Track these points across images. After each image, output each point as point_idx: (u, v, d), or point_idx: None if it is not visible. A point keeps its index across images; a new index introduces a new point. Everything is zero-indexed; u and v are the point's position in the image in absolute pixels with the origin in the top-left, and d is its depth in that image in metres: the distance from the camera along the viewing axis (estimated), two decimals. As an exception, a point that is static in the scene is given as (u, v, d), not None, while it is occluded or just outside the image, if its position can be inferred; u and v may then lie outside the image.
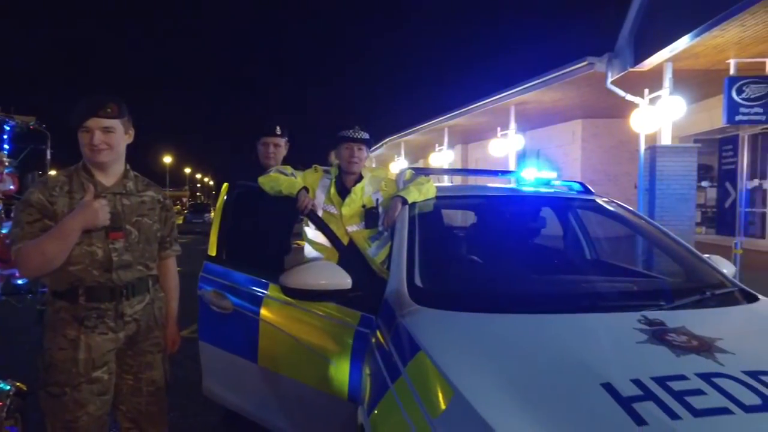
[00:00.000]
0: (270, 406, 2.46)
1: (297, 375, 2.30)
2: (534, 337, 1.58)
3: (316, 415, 2.24)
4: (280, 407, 2.41)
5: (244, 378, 2.54)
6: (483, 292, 2.05)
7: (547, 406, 1.24)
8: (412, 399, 1.40)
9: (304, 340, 2.28)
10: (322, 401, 2.18)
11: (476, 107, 13.33)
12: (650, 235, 2.80)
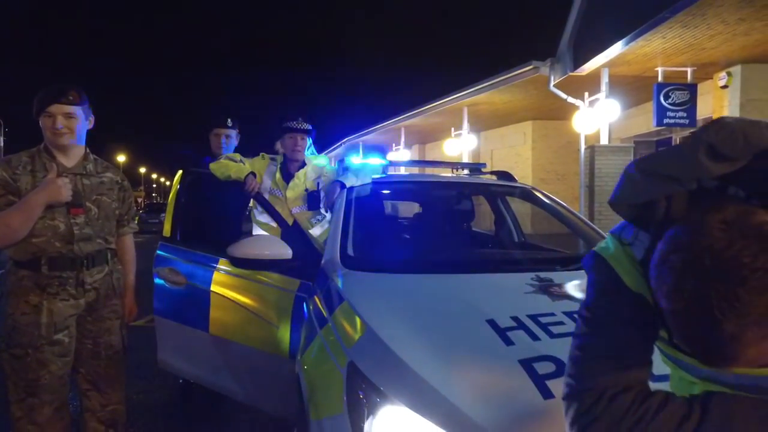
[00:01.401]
0: (221, 371, 2.70)
1: (245, 340, 2.56)
2: (438, 289, 1.91)
3: (262, 374, 2.50)
4: (230, 371, 2.66)
5: (197, 347, 2.76)
6: (402, 258, 2.37)
7: (438, 334, 1.56)
8: (334, 337, 1.70)
9: (250, 307, 2.54)
10: (267, 361, 2.44)
11: (431, 108, 13.78)
12: (564, 217, 3.19)
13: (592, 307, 0.94)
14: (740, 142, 0.77)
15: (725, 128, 0.79)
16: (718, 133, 0.78)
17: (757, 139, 0.78)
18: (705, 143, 0.78)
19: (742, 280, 0.66)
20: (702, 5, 6.42)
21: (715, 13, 6.65)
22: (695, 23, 7.00)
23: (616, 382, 0.84)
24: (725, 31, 7.21)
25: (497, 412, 1.23)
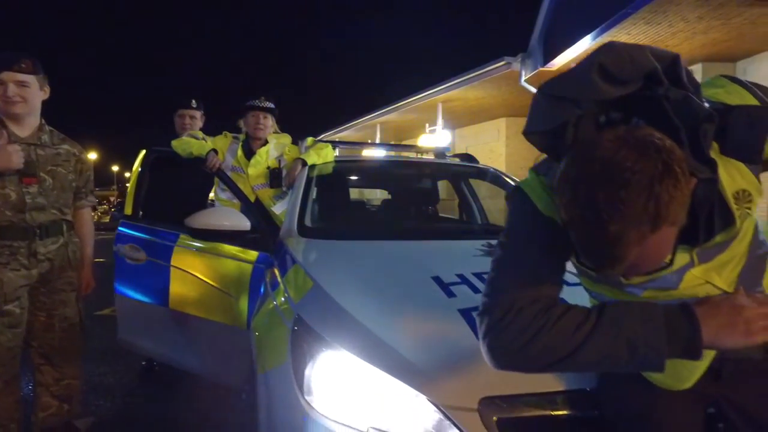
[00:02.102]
0: (181, 346, 2.70)
1: (203, 313, 2.57)
2: (389, 252, 1.97)
3: (221, 346, 2.51)
4: (190, 346, 2.67)
5: (157, 323, 2.77)
6: (356, 227, 2.42)
7: (383, 288, 1.61)
8: (284, 297, 1.73)
9: (210, 280, 2.55)
10: (226, 333, 2.46)
11: (406, 104, 13.87)
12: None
13: (508, 231, 1.01)
14: (627, 64, 0.84)
15: (614, 50, 0.85)
16: (608, 54, 0.85)
17: (643, 61, 0.85)
18: (596, 64, 0.85)
19: (625, 182, 0.73)
20: (663, 2, 6.61)
21: (676, 10, 6.86)
22: (657, 20, 7.21)
23: (524, 296, 0.90)
24: (686, 28, 7.44)
25: (433, 353, 1.27)
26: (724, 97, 0.92)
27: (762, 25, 7.08)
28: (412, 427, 1.19)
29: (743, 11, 6.75)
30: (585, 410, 1.20)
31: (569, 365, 0.88)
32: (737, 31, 7.34)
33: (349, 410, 1.25)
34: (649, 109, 0.84)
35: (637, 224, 0.73)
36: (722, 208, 0.89)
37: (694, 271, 0.97)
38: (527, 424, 1.17)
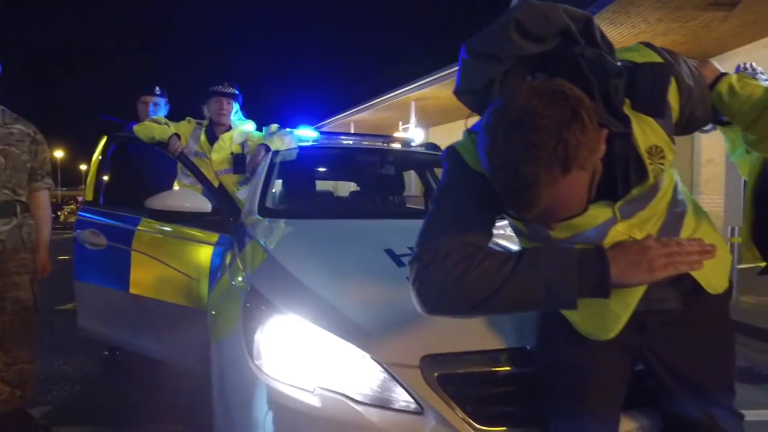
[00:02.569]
0: (142, 331, 2.68)
1: (164, 296, 2.56)
2: (344, 228, 2.02)
3: (182, 329, 2.50)
4: (151, 329, 2.65)
5: (117, 308, 2.74)
6: (315, 207, 2.47)
7: (335, 258, 1.65)
8: (239, 271, 1.76)
9: (170, 263, 2.55)
10: (186, 316, 2.46)
11: (379, 102, 13.93)
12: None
13: (441, 187, 1.07)
14: (542, 21, 0.91)
15: (530, 8, 0.92)
16: (524, 11, 0.92)
17: (557, 19, 0.91)
18: (514, 20, 0.91)
19: (536, 126, 0.79)
20: (624, 3, 6.84)
21: (637, 12, 7.09)
22: (621, 21, 7.44)
23: (451, 244, 0.96)
24: (647, 30, 7.70)
25: (379, 316, 1.32)
26: (636, 58, 0.99)
27: (715, 30, 7.39)
28: (358, 384, 1.24)
29: (698, 15, 7.03)
30: (524, 367, 1.26)
31: (492, 306, 0.93)
32: (693, 34, 7.63)
33: (297, 372, 1.28)
34: (567, 66, 0.91)
35: (549, 166, 0.79)
36: (637, 163, 0.96)
37: (618, 227, 1.04)
38: (467, 379, 1.23)
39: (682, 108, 1.00)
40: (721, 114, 1.14)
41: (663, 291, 1.11)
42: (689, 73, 1.01)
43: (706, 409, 1.17)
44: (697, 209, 1.17)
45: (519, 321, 1.29)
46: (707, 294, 1.13)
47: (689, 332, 1.15)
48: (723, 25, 7.19)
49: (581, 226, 1.02)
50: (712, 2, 6.58)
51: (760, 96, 1.04)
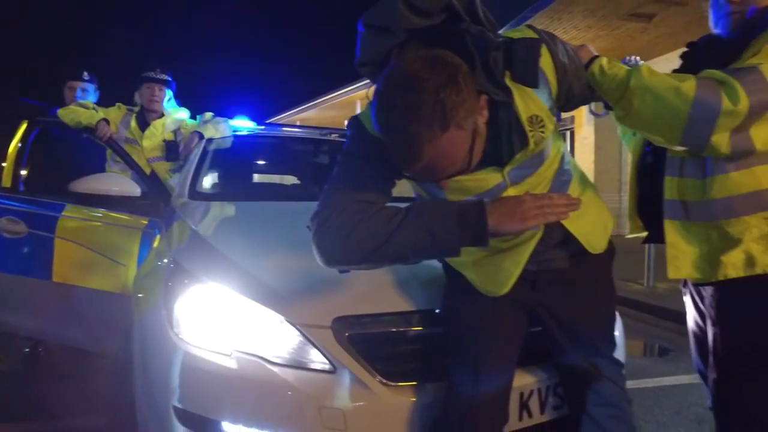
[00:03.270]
0: (67, 320, 2.60)
1: (90, 283, 2.50)
2: (271, 209, 2.07)
3: (106, 315, 2.46)
4: (76, 318, 2.57)
5: (39, 298, 2.64)
6: (245, 191, 2.51)
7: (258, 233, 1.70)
8: (164, 247, 1.77)
9: (97, 249, 2.49)
10: (114, 302, 2.41)
11: (325, 100, 13.94)
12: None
13: (342, 153, 1.15)
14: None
15: None
16: None
17: None
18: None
19: (417, 89, 0.89)
20: (558, 10, 7.23)
21: (569, 18, 7.52)
22: (554, 26, 7.84)
23: (347, 200, 1.04)
24: (578, 36, 8.16)
25: (294, 281, 1.38)
26: (515, 35, 1.11)
27: (637, 39, 7.94)
28: (275, 347, 1.29)
29: (622, 24, 7.54)
30: (432, 327, 1.35)
31: (384, 254, 1.02)
32: (619, 42, 8.17)
33: (215, 337, 1.32)
34: (454, 40, 1.01)
35: (429, 124, 0.89)
36: (519, 130, 1.07)
37: (509, 191, 1.15)
38: (377, 339, 1.31)
39: (559, 83, 1.12)
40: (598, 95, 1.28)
41: (552, 252, 1.24)
42: (564, 52, 1.14)
43: (591, 359, 1.31)
44: (583, 179, 1.31)
45: (427, 284, 1.39)
46: (591, 255, 1.27)
47: (576, 289, 1.28)
48: (643, 35, 7.74)
49: (474, 190, 1.13)
50: (633, 14, 7.08)
51: (624, 76, 1.18)
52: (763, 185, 1.22)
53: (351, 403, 1.23)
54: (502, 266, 1.19)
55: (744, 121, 1.11)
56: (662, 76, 1.17)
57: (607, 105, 1.35)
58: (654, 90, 1.14)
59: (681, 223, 1.33)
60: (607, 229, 1.32)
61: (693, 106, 1.10)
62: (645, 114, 1.17)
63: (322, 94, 14.05)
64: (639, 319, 4.65)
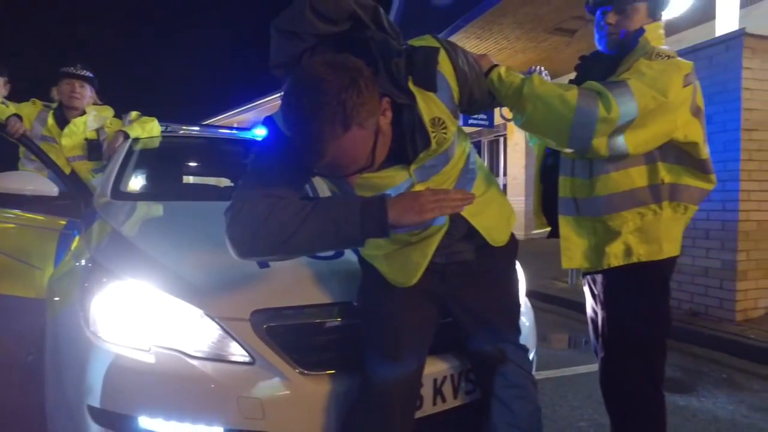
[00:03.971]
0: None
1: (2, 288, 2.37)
2: (194, 208, 2.08)
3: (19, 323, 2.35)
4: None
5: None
6: (170, 191, 2.48)
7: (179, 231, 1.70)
8: (83, 247, 1.73)
9: (7, 251, 2.37)
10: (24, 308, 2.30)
11: (263, 103, 13.76)
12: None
13: (255, 151, 1.20)
14: (332, 4, 1.08)
15: None
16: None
17: (345, 5, 1.10)
18: (309, 3, 1.07)
19: (321, 90, 0.95)
20: (488, 21, 7.55)
21: (499, 29, 7.87)
22: (486, 36, 8.18)
23: (258, 194, 1.09)
24: (509, 46, 8.55)
25: (213, 276, 1.40)
26: (418, 43, 1.20)
27: (562, 52, 8.42)
28: (195, 341, 1.31)
29: (548, 37, 7.98)
30: (348, 319, 1.42)
31: (294, 245, 1.07)
32: (546, 54, 8.63)
33: (133, 333, 1.32)
34: (359, 46, 1.09)
35: (331, 123, 0.96)
36: (422, 131, 1.16)
37: (415, 189, 1.23)
38: (295, 330, 1.36)
39: (460, 88, 1.22)
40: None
41: (458, 245, 1.34)
42: (465, 60, 1.24)
43: (498, 345, 1.41)
44: (487, 177, 1.42)
45: (344, 278, 1.46)
46: (495, 247, 1.38)
47: (481, 280, 1.38)
48: (568, 48, 8.22)
49: (382, 187, 1.21)
50: (557, 28, 7.52)
51: (518, 84, 1.31)
52: (636, 184, 1.38)
53: (269, 392, 1.27)
54: (410, 258, 1.28)
55: (617, 127, 1.27)
56: (550, 85, 1.30)
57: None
58: (543, 97, 1.27)
59: (573, 218, 1.48)
60: (509, 224, 1.43)
61: (575, 112, 1.24)
62: (536, 118, 1.30)
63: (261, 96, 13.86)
64: (563, 315, 4.94)
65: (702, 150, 1.39)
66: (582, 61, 1.61)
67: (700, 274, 4.01)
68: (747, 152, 3.75)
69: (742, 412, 2.60)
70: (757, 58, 3.74)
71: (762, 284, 3.89)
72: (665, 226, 1.41)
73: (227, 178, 3.23)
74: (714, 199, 3.89)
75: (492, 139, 13.33)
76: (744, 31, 3.70)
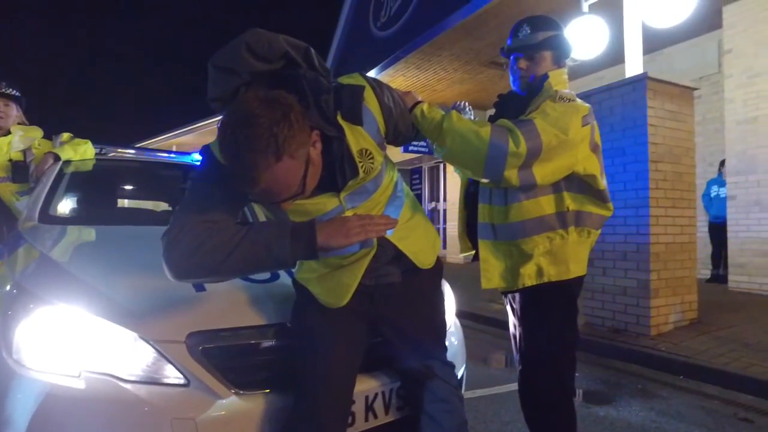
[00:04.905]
0: None
1: None
2: (125, 232, 2.06)
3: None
4: None
5: None
6: (100, 215, 2.45)
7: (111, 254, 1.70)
8: (5, 273, 1.68)
9: None
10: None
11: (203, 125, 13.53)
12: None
13: (192, 178, 1.25)
14: (266, 45, 1.17)
15: (257, 34, 1.18)
16: (252, 36, 1.17)
17: (278, 45, 1.19)
18: (245, 42, 1.16)
19: (255, 123, 1.04)
20: (427, 53, 7.91)
21: (438, 61, 8.25)
22: (426, 67, 8.54)
23: (195, 219, 1.14)
24: (447, 77, 8.96)
25: (148, 300, 1.42)
26: (346, 81, 1.31)
27: (497, 84, 8.93)
28: (129, 364, 1.32)
29: (484, 70, 8.44)
30: (282, 339, 1.47)
31: (229, 267, 1.13)
32: (482, 85, 9.11)
33: (61, 360, 1.31)
34: (292, 83, 1.18)
35: (264, 154, 1.04)
36: (350, 161, 1.26)
37: (345, 214, 1.32)
38: (230, 351, 1.39)
39: (386, 121, 1.33)
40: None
41: (386, 268, 1.43)
42: (390, 97, 1.36)
43: (425, 362, 1.50)
44: (414, 204, 1.53)
45: (279, 300, 1.51)
46: (421, 270, 1.48)
47: (409, 300, 1.48)
48: (502, 80, 8.73)
49: (314, 212, 1.29)
50: (492, 62, 7.98)
51: (439, 120, 1.45)
52: (545, 211, 1.54)
53: (203, 413, 1.29)
54: (341, 280, 1.36)
55: (526, 160, 1.42)
56: (467, 121, 1.45)
57: None
58: (460, 132, 1.41)
59: (491, 242, 1.62)
60: (434, 248, 1.55)
61: (489, 146, 1.39)
62: (455, 151, 1.44)
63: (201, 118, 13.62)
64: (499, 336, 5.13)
65: (600, 181, 1.57)
66: (500, 99, 1.79)
67: (620, 293, 4.33)
68: (654, 181, 4.14)
69: (651, 418, 2.83)
70: (658, 98, 4.19)
71: (671, 301, 4.26)
72: (572, 249, 1.58)
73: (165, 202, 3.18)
74: (630, 223, 4.25)
75: (432, 166, 13.73)
76: (647, 75, 4.14)
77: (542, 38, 1.64)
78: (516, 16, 6.66)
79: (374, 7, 9.12)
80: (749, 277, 6.12)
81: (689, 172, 4.40)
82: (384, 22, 8.65)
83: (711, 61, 7.26)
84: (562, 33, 1.69)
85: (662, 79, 4.24)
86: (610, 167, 4.35)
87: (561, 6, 6.15)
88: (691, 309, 4.42)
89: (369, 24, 9.21)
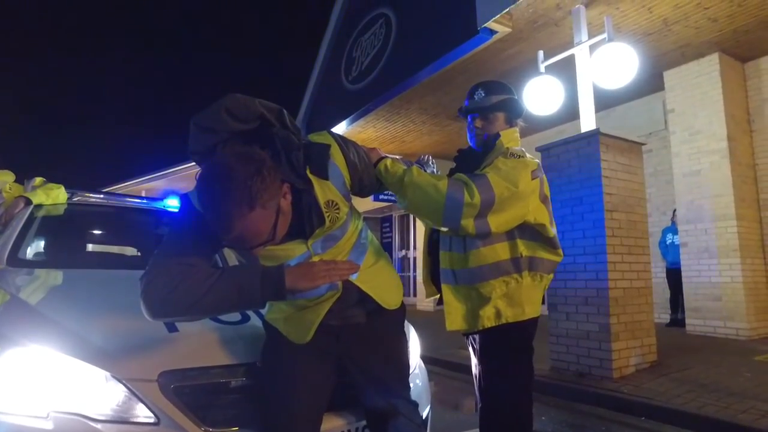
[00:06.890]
0: None
1: None
2: (98, 277, 2.09)
3: None
4: None
5: None
6: (70, 258, 2.48)
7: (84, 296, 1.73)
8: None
9: None
10: None
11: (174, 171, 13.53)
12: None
13: (172, 223, 1.34)
14: (243, 108, 1.30)
15: (235, 98, 1.31)
16: (230, 100, 1.30)
17: (253, 108, 1.31)
18: (224, 106, 1.28)
19: (230, 177, 1.14)
20: (396, 106, 8.24)
21: (406, 114, 8.59)
22: (395, 119, 8.87)
23: (172, 262, 1.22)
24: (416, 129, 9.31)
25: (121, 339, 1.46)
26: (316, 139, 1.44)
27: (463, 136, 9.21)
28: (99, 404, 1.34)
29: (451, 123, 8.82)
30: (252, 378, 1.52)
31: (203, 307, 1.20)
32: (449, 137, 9.49)
33: (28, 400, 1.33)
34: (266, 140, 1.30)
35: (239, 205, 1.14)
36: (318, 211, 1.37)
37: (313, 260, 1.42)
38: (201, 390, 1.44)
39: (351, 176, 1.46)
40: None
41: (352, 310, 1.51)
42: (356, 153, 1.49)
43: (390, 400, 1.56)
44: (377, 250, 1.64)
45: (249, 341, 1.57)
46: (385, 312, 1.57)
47: (373, 340, 1.55)
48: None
49: (283, 258, 1.38)
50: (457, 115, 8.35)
51: (400, 174, 1.59)
52: (501, 257, 1.67)
53: (172, 452, 1.32)
54: (305, 318, 1.44)
55: (480, 210, 1.56)
56: (426, 176, 1.59)
57: None
58: (420, 186, 1.55)
59: (452, 286, 1.73)
60: (398, 291, 1.65)
61: (446, 198, 1.53)
62: (416, 202, 1.57)
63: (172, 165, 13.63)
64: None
65: (549, 230, 1.72)
66: (459, 154, 1.95)
67: (583, 338, 4.47)
68: (610, 229, 4.39)
69: (614, 460, 2.90)
70: (610, 152, 4.51)
71: (631, 344, 4.41)
72: (526, 292, 1.70)
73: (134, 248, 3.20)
74: (589, 269, 4.44)
75: (403, 215, 13.96)
76: (599, 131, 4.47)
77: (496, 101, 1.82)
78: (481, 73, 7.07)
79: (346, 62, 9.51)
80: (704, 320, 6.38)
81: (642, 220, 4.67)
82: (355, 77, 9.00)
83: (658, 119, 7.81)
84: (513, 96, 1.89)
85: (612, 134, 4.57)
86: (570, 216, 4.59)
87: (520, 66, 6.60)
88: (651, 352, 4.58)
89: (341, 77, 9.57)
